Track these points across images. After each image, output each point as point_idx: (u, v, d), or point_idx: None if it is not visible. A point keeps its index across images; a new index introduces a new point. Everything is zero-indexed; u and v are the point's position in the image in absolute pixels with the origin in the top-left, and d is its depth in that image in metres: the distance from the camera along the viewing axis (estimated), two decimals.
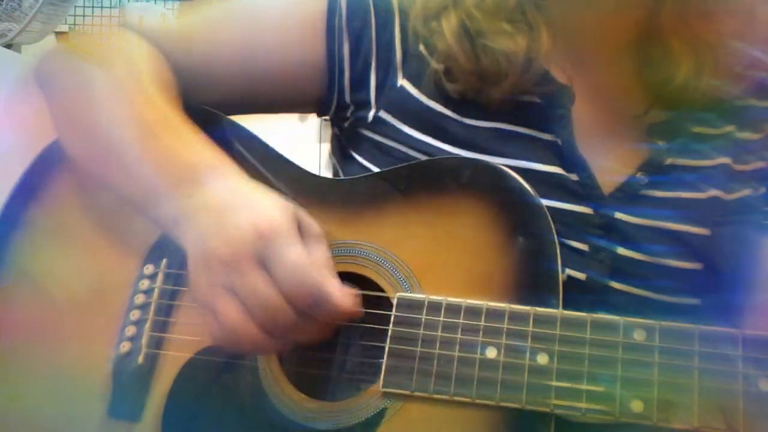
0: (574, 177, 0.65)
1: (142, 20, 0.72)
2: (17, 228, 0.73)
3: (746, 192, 0.68)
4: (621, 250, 0.65)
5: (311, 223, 0.59)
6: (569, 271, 0.64)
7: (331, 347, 0.64)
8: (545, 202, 0.62)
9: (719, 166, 0.68)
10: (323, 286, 0.55)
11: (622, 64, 0.68)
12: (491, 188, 0.61)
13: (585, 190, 0.65)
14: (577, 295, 0.58)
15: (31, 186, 0.75)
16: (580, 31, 0.67)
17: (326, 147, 0.83)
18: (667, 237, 0.66)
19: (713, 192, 0.67)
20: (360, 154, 0.72)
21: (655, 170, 0.66)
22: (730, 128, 0.69)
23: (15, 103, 0.73)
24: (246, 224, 0.55)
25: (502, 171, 0.61)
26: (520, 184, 0.60)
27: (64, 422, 0.65)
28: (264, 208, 0.57)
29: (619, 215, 0.65)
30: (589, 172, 0.66)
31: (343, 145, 0.75)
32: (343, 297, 0.56)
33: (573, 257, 0.65)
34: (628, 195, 0.66)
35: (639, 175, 0.66)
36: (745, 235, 0.68)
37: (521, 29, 0.65)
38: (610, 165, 0.67)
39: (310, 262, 0.55)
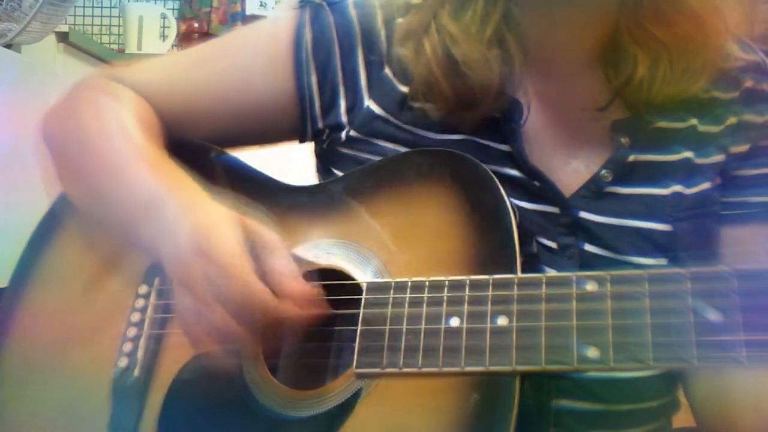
0: (536, 183, 0.68)
1: (128, 71, 0.79)
2: (35, 264, 0.80)
3: (706, 185, 0.69)
4: (588, 247, 0.67)
5: (261, 231, 0.61)
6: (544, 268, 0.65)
7: (312, 338, 0.66)
8: (513, 202, 0.64)
9: (682, 160, 0.69)
10: (261, 300, 0.57)
11: (587, 71, 0.70)
12: (447, 171, 0.64)
13: (547, 194, 0.68)
14: None
15: (46, 230, 0.81)
16: (550, 48, 0.69)
17: None
18: (630, 234, 0.67)
19: (676, 187, 0.68)
20: (339, 169, 0.76)
21: (620, 168, 0.68)
22: (693, 121, 0.70)
23: (15, 103, 0.78)
24: (191, 244, 0.58)
25: (455, 153, 0.64)
26: (472, 161, 0.62)
27: None
28: (210, 226, 0.59)
29: (583, 214, 0.67)
30: (546, 180, 0.67)
31: (324, 163, 0.79)
32: (284, 304, 0.58)
33: (544, 254, 0.67)
34: (593, 193, 0.68)
35: (603, 173, 0.68)
36: (705, 228, 0.69)
37: (496, 57, 0.66)
38: (575, 165, 0.69)
39: (250, 277, 0.57)
